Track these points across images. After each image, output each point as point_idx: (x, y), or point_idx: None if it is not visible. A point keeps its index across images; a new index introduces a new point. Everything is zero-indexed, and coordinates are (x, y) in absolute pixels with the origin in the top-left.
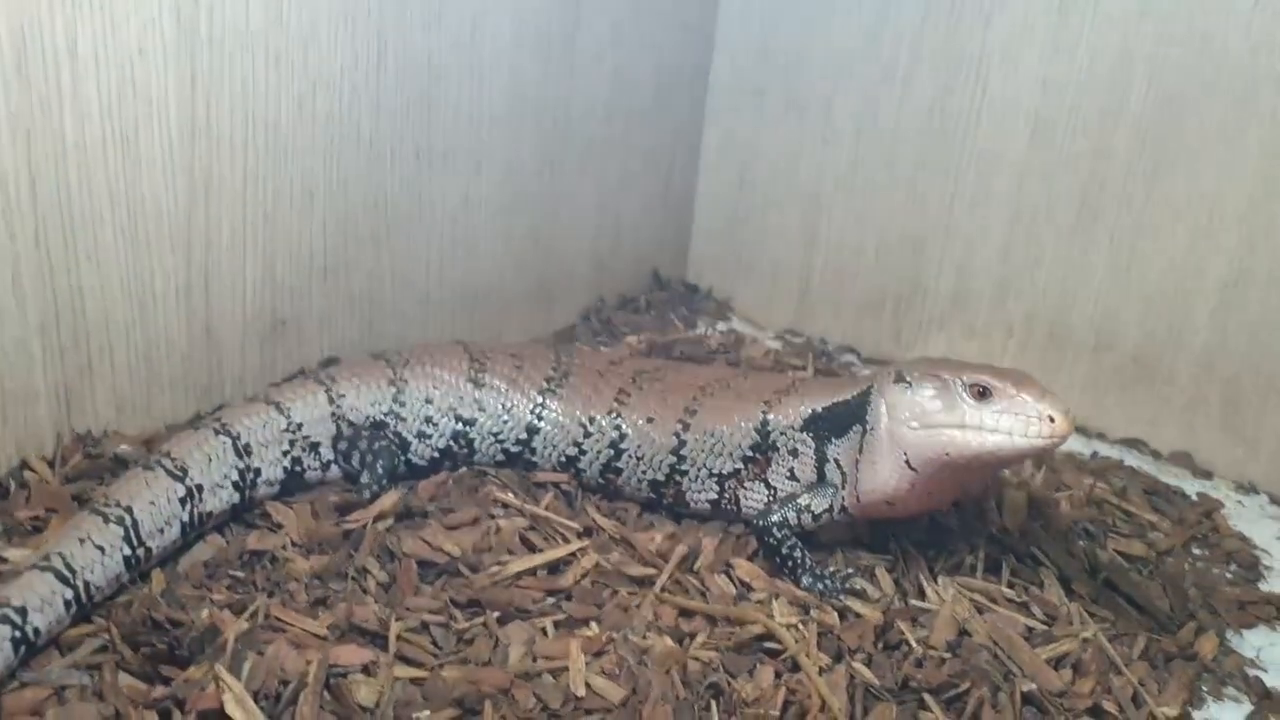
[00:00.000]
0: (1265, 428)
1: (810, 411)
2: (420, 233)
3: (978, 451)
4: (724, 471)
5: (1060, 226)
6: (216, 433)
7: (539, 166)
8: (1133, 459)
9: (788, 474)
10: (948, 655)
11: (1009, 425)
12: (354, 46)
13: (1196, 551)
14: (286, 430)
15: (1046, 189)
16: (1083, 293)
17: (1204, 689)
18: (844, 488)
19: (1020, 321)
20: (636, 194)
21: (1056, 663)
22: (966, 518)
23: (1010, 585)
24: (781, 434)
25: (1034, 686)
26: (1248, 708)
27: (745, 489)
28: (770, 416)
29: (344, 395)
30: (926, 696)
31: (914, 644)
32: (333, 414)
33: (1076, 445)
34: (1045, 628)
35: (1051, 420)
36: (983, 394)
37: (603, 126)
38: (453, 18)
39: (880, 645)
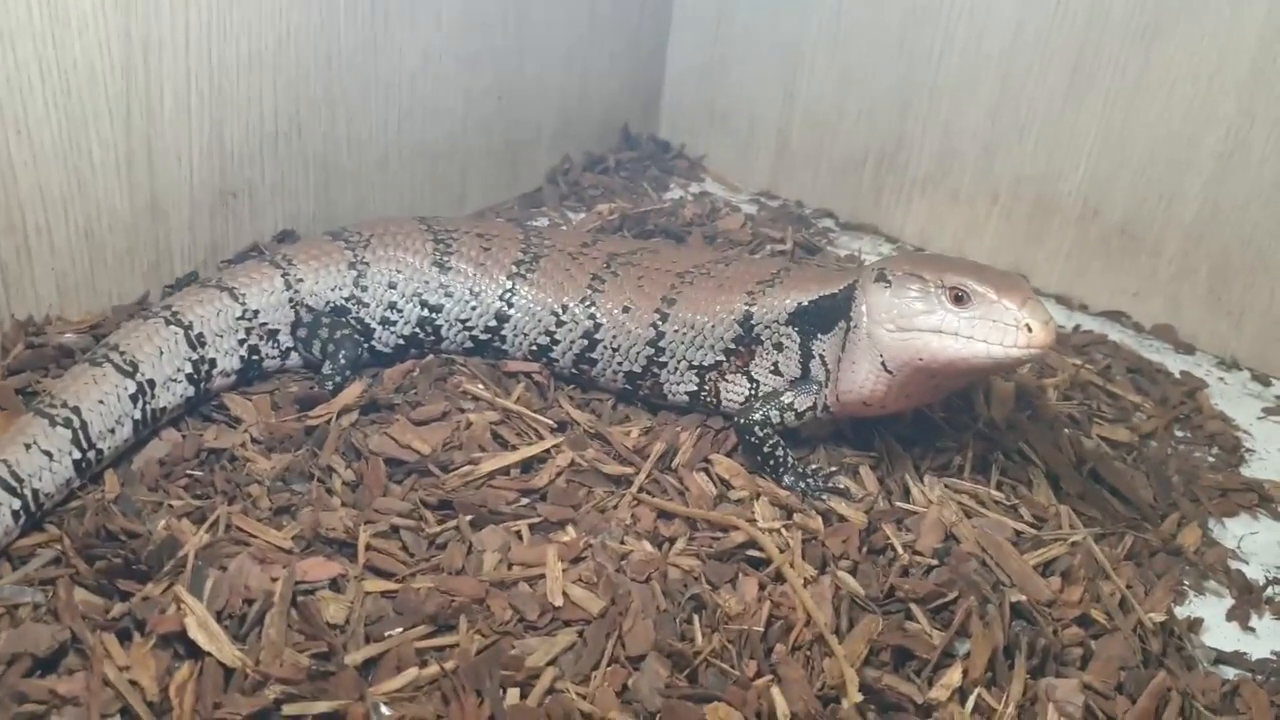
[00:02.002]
0: (1252, 302)
1: (797, 305)
2: (377, 91)
3: (952, 358)
4: (704, 364)
5: (1052, 89)
6: (167, 323)
7: (502, 17)
8: (1115, 333)
9: (771, 368)
10: (935, 563)
11: (985, 333)
12: None
13: (1179, 434)
14: (242, 318)
15: (1039, 49)
16: (1072, 159)
17: (1186, 584)
18: (828, 385)
19: (1006, 187)
20: (605, 45)
21: (1045, 568)
22: (953, 410)
23: (999, 486)
24: (766, 327)
25: (1023, 597)
26: (1229, 602)
27: (726, 382)
28: (754, 309)
29: (302, 280)
30: (913, 607)
31: (900, 550)
32: (290, 299)
33: (1059, 317)
34: (1034, 532)
35: (1030, 330)
36: (960, 298)
37: None
38: None
39: (865, 550)
